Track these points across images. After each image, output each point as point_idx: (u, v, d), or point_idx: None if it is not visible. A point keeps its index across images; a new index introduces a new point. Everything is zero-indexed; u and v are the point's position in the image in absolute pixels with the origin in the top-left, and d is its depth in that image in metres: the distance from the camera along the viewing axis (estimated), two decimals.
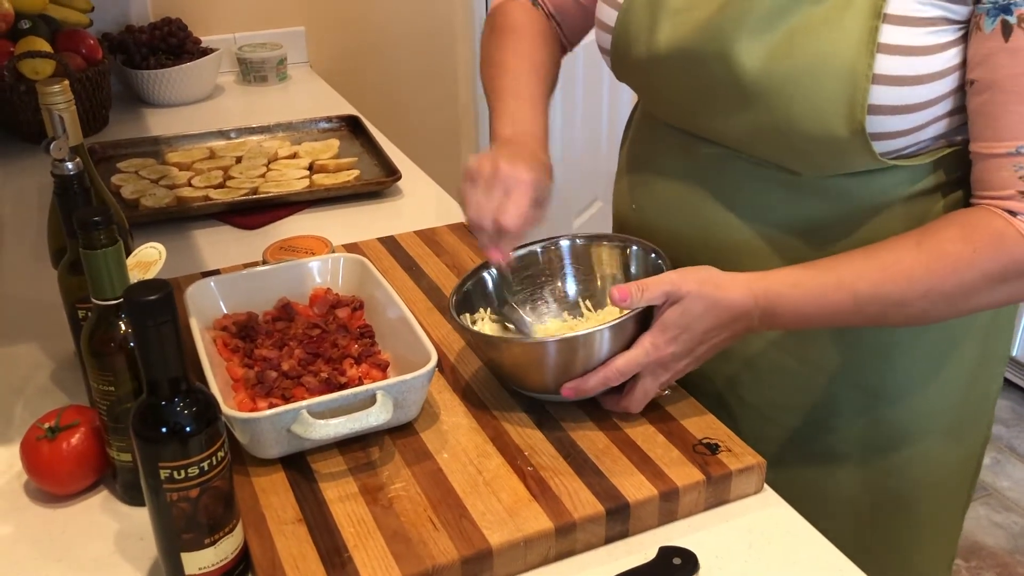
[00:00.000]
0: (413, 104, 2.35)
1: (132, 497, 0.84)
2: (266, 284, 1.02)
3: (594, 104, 2.71)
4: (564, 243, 1.00)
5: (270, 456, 0.83)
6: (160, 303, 0.64)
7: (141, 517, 0.82)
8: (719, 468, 0.82)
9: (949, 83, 0.83)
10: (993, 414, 1.08)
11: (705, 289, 0.83)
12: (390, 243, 1.23)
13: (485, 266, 0.98)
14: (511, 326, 0.96)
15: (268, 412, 0.79)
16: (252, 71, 2.07)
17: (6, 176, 1.60)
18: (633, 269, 0.98)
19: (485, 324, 0.96)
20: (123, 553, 0.79)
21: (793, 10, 0.83)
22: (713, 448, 0.84)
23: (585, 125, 2.72)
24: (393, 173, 1.48)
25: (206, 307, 0.98)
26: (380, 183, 1.46)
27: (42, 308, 1.13)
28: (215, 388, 0.81)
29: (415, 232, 1.26)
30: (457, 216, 1.36)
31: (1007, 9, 0.78)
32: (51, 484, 0.84)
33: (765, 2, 0.84)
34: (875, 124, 0.83)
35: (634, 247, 0.97)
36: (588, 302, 1.00)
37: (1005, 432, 2.50)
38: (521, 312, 0.97)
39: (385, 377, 0.91)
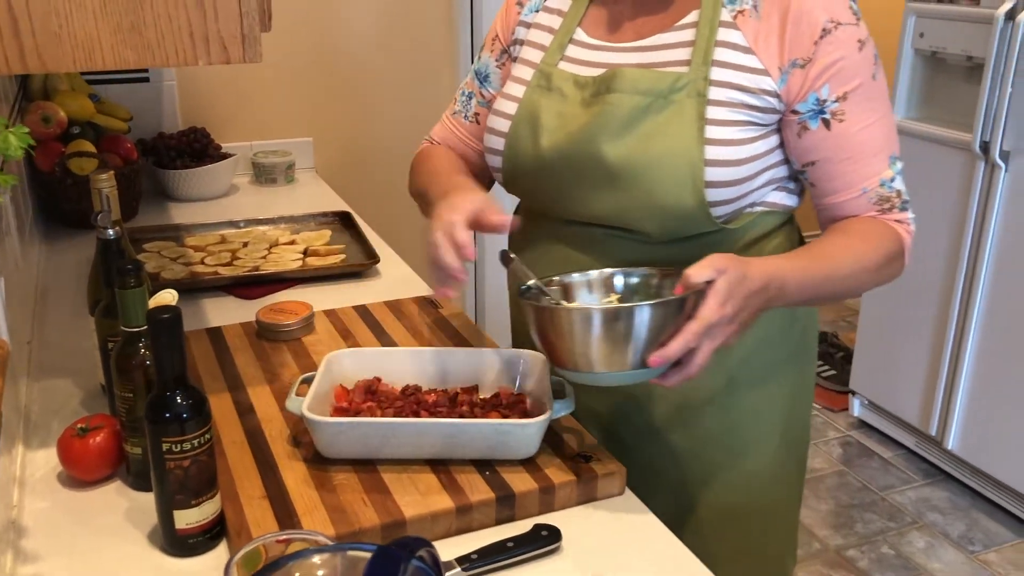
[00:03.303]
0: (398, 197, 2.65)
1: (140, 484, 1.09)
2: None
3: None
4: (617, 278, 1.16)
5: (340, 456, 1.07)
6: (171, 320, 0.91)
7: (146, 499, 1.07)
8: (589, 472, 1.07)
9: (760, 164, 1.14)
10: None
11: (738, 264, 1.01)
12: (361, 310, 1.51)
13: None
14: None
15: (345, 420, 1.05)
16: (264, 174, 2.39)
17: (51, 253, 1.90)
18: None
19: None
20: (131, 522, 1.04)
21: (642, 119, 1.12)
22: (587, 458, 1.09)
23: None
24: (373, 257, 1.77)
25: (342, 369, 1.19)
26: (361, 265, 1.75)
27: (76, 352, 1.40)
28: (310, 396, 1.07)
29: (384, 302, 1.54)
30: (420, 291, 1.64)
31: (822, 111, 1.11)
32: (79, 471, 1.10)
33: (619, 117, 1.13)
34: (712, 195, 1.12)
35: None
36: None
37: (941, 519, 2.70)
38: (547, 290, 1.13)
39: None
